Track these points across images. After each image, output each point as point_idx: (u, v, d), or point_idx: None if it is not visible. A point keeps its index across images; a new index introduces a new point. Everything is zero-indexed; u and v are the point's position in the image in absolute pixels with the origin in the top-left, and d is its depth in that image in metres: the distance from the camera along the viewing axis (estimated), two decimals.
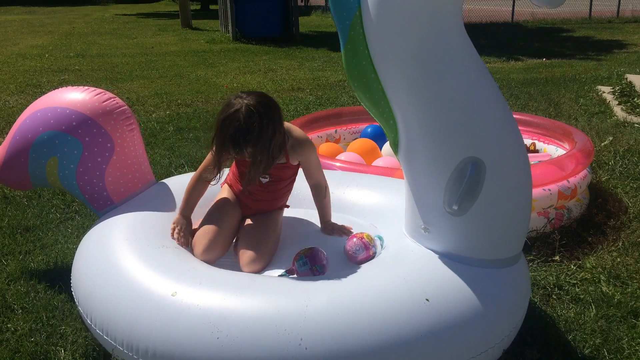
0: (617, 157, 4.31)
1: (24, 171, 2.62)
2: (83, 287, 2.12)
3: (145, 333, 1.82)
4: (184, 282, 1.91)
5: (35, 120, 2.57)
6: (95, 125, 2.54)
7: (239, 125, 2.04)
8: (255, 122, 2.04)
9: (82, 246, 2.35)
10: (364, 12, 1.88)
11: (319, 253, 2.13)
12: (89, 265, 2.17)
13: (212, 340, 1.72)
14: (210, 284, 1.90)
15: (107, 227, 2.36)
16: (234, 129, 2.04)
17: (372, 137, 4.17)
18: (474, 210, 1.91)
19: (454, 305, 1.82)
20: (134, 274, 2.01)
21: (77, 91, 2.64)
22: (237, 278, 1.97)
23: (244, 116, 2.03)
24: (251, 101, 2.06)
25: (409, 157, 2.01)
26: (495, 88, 1.93)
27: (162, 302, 1.85)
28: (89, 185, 2.56)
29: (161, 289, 1.90)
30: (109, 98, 2.63)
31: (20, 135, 2.59)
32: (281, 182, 2.44)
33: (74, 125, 2.52)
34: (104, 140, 2.55)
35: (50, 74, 8.77)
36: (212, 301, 1.82)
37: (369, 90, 1.98)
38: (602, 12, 16.90)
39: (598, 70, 8.49)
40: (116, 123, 2.59)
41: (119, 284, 1.99)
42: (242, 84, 7.85)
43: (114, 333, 1.90)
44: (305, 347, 1.68)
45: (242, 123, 2.03)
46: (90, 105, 2.57)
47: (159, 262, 2.05)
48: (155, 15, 21.44)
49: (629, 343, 2.21)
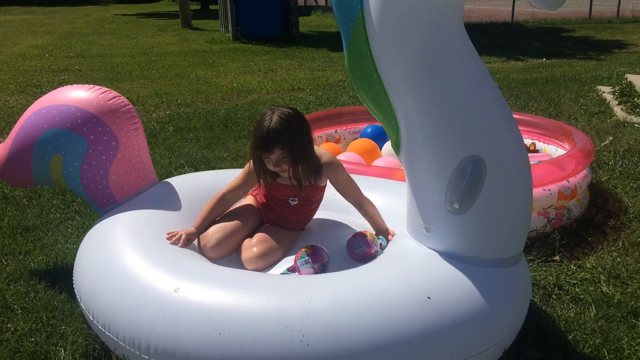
0: (617, 157, 4.31)
1: (27, 169, 2.61)
2: (85, 283, 2.13)
3: (147, 329, 1.82)
4: (186, 279, 1.92)
5: (40, 118, 2.57)
6: (101, 123, 2.54)
7: (269, 125, 2.13)
8: (286, 125, 2.13)
9: (85, 243, 2.35)
10: (366, 14, 1.90)
11: (321, 251, 2.13)
12: (92, 262, 2.18)
13: (214, 337, 1.73)
14: (213, 280, 1.91)
15: (109, 225, 2.37)
16: (265, 128, 2.14)
17: (372, 137, 4.17)
18: (475, 209, 1.92)
19: (456, 304, 1.82)
20: (136, 270, 2.02)
21: (82, 89, 2.64)
22: (239, 275, 1.97)
23: (274, 119, 2.15)
24: (283, 110, 2.18)
25: (411, 157, 2.02)
26: (495, 88, 1.95)
27: (164, 299, 1.86)
28: (93, 183, 2.56)
29: (163, 285, 1.91)
30: (115, 96, 2.63)
31: (24, 132, 2.59)
32: (310, 205, 2.44)
33: (79, 122, 2.52)
34: (108, 138, 2.55)
35: (50, 74, 8.77)
36: (214, 298, 1.82)
37: (372, 90, 1.99)
38: (602, 12, 16.91)
39: (598, 70, 8.50)
40: (121, 121, 2.59)
41: (121, 280, 2.00)
42: (242, 84, 7.85)
43: (116, 329, 1.91)
44: (307, 344, 1.68)
45: (273, 123, 2.14)
46: (95, 104, 2.57)
47: (161, 259, 2.06)
48: (155, 15, 21.45)
49: (629, 343, 2.21)
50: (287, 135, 2.13)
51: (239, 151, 4.73)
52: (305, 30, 14.39)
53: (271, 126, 2.13)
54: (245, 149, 4.78)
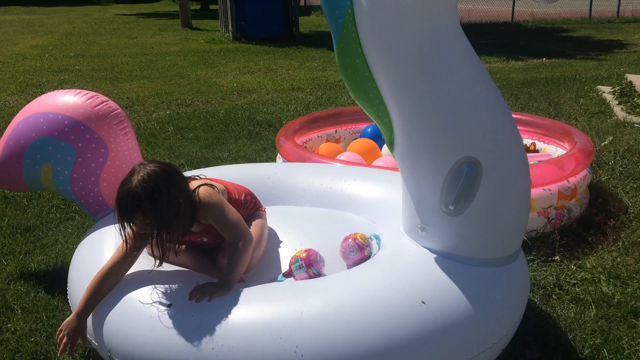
0: (617, 157, 4.31)
1: (19, 176, 2.61)
2: (78, 297, 2.07)
3: (140, 344, 1.80)
4: (180, 292, 1.90)
5: (27, 126, 2.55)
6: (88, 130, 2.51)
7: (129, 189, 1.85)
8: (148, 189, 1.84)
9: (77, 255, 2.32)
10: (356, 9, 1.84)
11: (315, 255, 2.12)
12: (84, 275, 2.12)
13: (208, 351, 1.71)
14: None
15: (100, 236, 2.34)
16: (123, 193, 1.86)
17: (372, 137, 4.17)
18: (471, 210, 1.90)
19: (451, 306, 1.81)
20: (130, 283, 1.99)
21: (69, 94, 2.60)
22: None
23: (135, 181, 1.85)
24: (149, 168, 1.89)
25: (405, 155, 1.99)
26: (492, 86, 1.90)
27: (157, 313, 1.84)
28: (84, 191, 2.55)
29: (157, 299, 1.89)
30: (102, 102, 2.59)
31: (13, 141, 2.57)
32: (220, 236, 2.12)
33: (66, 131, 2.50)
34: (97, 145, 2.52)
35: (50, 74, 8.77)
36: (206, 311, 1.81)
37: (363, 88, 1.95)
38: (602, 12, 16.89)
39: (598, 70, 8.49)
40: (109, 127, 2.56)
41: (114, 294, 1.97)
42: (242, 84, 7.85)
43: (109, 344, 1.88)
44: (302, 355, 1.67)
45: (133, 186, 1.85)
46: (82, 110, 2.53)
47: (155, 272, 2.03)
48: (155, 15, 21.43)
49: (629, 343, 2.21)
50: (148, 201, 1.84)
51: (238, 151, 4.73)
52: (305, 30, 14.38)
53: (131, 189, 1.84)
54: (245, 149, 4.78)
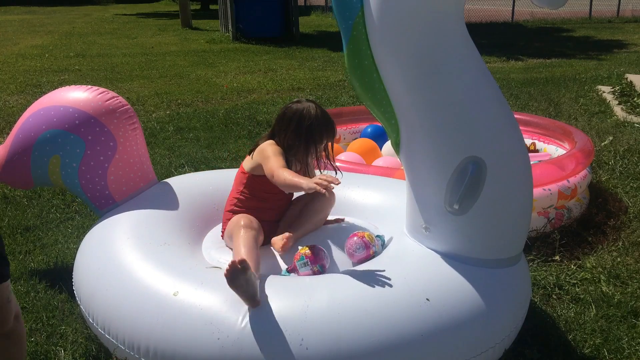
0: (617, 157, 4.31)
1: (26, 169, 2.62)
2: (85, 286, 2.13)
3: (146, 332, 1.82)
4: (186, 282, 1.92)
5: (38, 119, 2.58)
6: (98, 124, 2.54)
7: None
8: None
9: (84, 245, 2.35)
10: (366, 12, 1.89)
11: (320, 252, 2.12)
12: (91, 264, 2.18)
13: (213, 341, 1.73)
14: (211, 284, 1.90)
15: (109, 226, 2.37)
16: (329, 115, 2.34)
17: (372, 137, 4.17)
18: (475, 210, 1.91)
19: (455, 305, 1.82)
20: (136, 273, 2.01)
21: (80, 90, 2.64)
22: None
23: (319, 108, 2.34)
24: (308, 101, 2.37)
25: (411, 156, 2.02)
26: (495, 88, 1.94)
27: (163, 302, 1.86)
28: (91, 184, 2.56)
29: (163, 288, 1.91)
30: (112, 97, 2.64)
31: (23, 134, 2.59)
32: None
33: (77, 123, 2.53)
34: (106, 139, 2.55)
35: (50, 74, 8.77)
36: (212, 301, 1.82)
37: (371, 90, 1.99)
38: (602, 12, 16.88)
39: (598, 70, 8.49)
40: (119, 122, 2.59)
41: (121, 283, 2.00)
42: (242, 84, 7.84)
43: (116, 332, 1.91)
44: (307, 347, 1.68)
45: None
46: (93, 104, 2.57)
47: (161, 262, 2.06)
48: (155, 15, 21.43)
49: (629, 343, 2.21)
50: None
51: (238, 151, 4.72)
52: (305, 30, 14.37)
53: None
54: (245, 149, 4.78)
